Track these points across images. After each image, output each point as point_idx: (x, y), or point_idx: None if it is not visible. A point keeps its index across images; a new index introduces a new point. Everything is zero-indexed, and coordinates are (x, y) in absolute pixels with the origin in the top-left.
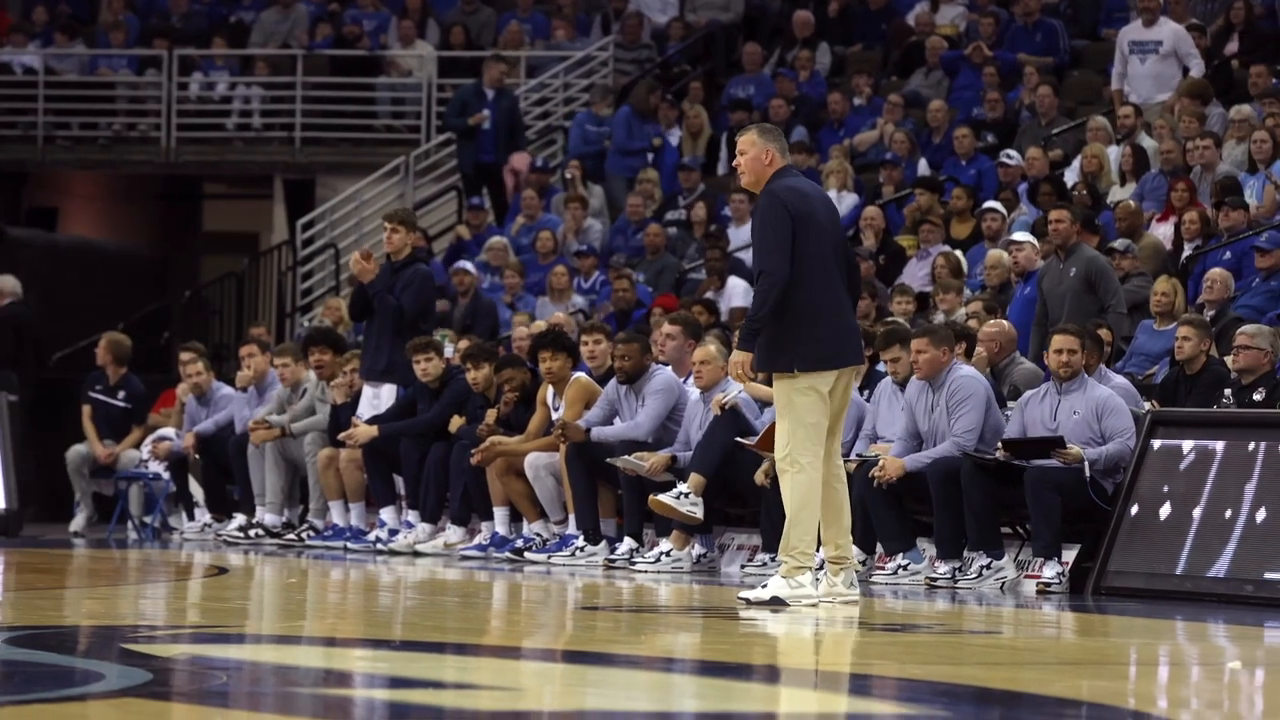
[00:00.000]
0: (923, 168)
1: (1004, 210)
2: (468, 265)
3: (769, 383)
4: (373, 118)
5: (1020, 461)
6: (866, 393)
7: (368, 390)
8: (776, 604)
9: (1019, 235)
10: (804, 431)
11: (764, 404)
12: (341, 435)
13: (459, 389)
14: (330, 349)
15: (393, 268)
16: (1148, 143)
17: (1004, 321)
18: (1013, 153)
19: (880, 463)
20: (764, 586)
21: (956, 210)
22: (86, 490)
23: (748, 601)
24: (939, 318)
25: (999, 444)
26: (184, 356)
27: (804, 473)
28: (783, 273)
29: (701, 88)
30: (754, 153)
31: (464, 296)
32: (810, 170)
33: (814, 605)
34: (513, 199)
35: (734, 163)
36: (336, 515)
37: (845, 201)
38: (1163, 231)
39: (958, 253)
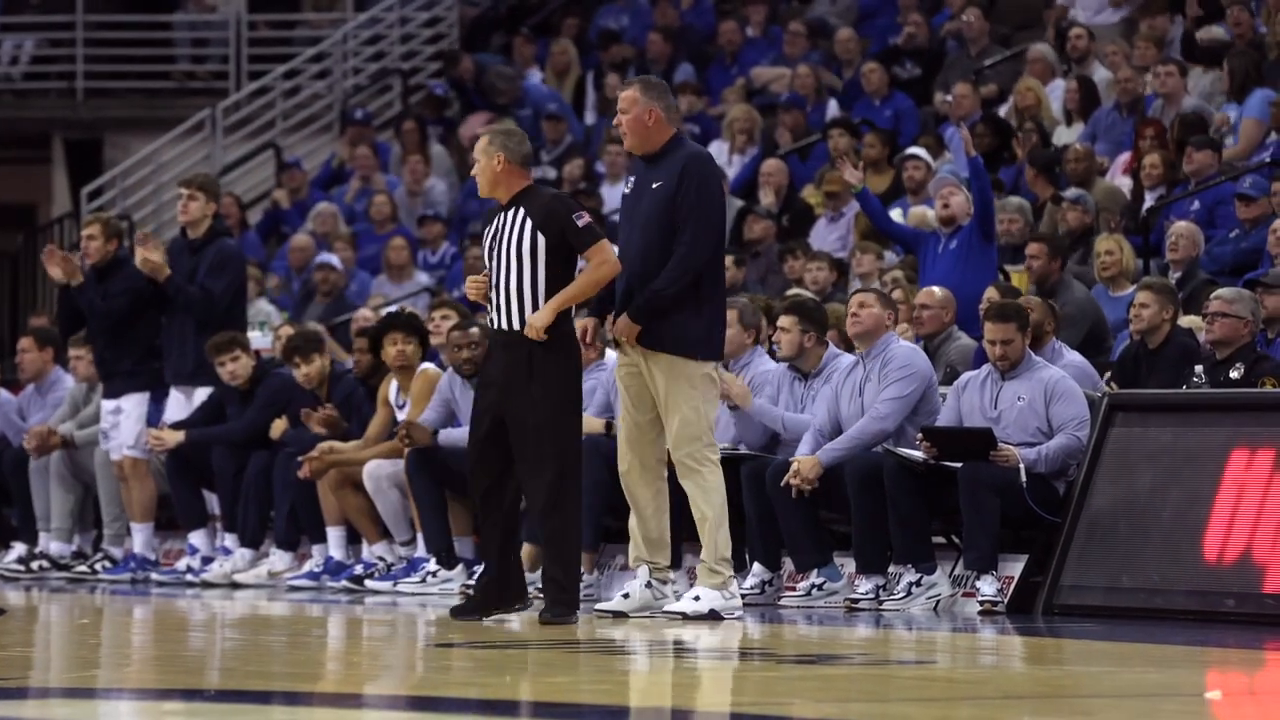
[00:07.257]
0: (833, 109)
1: (929, 158)
2: (333, 259)
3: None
4: (170, 63)
5: (946, 463)
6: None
7: (177, 395)
8: (714, 618)
9: (948, 176)
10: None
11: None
12: (147, 436)
13: (275, 387)
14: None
15: (191, 246)
16: (1099, 74)
17: (938, 289)
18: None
19: (793, 466)
20: (696, 599)
21: (871, 159)
22: None
23: (684, 615)
24: (855, 285)
25: (919, 434)
26: None
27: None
28: (707, 255)
29: (570, 20)
30: (636, 112)
31: (325, 297)
32: (702, 115)
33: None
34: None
35: (615, 121)
36: (138, 542)
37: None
38: (1121, 179)
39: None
